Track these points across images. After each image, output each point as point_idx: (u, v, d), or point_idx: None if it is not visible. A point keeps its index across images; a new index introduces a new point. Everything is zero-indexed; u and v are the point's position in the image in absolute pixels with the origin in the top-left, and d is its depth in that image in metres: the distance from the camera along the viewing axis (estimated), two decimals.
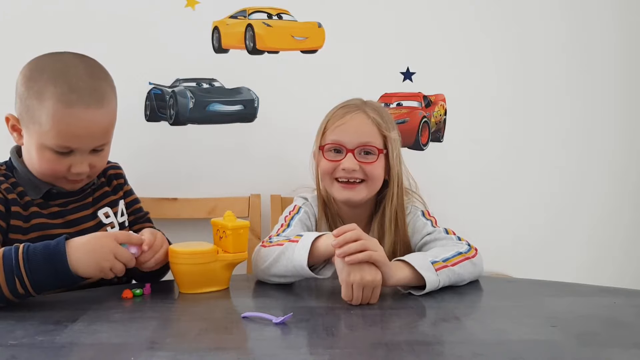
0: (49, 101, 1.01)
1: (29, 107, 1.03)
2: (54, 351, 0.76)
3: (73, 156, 1.06)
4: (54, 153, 1.04)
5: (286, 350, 0.77)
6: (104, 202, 1.19)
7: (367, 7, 1.66)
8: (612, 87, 1.76)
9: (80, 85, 1.03)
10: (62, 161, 1.05)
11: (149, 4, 1.60)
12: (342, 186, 1.23)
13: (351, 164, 1.21)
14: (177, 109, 1.63)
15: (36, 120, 1.03)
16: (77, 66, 1.06)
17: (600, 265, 1.78)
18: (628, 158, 1.79)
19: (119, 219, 1.20)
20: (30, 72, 1.05)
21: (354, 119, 1.24)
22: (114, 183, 1.23)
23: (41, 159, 1.05)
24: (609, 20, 1.74)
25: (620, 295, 1.06)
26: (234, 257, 1.06)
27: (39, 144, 1.04)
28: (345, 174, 1.22)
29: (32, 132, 1.04)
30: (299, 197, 1.34)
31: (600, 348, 0.79)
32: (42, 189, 1.09)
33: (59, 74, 1.03)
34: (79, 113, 1.02)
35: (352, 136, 1.22)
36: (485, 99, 1.72)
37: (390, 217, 1.25)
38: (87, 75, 1.06)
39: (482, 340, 0.82)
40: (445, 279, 1.05)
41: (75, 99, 1.02)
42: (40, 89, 1.02)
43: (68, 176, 1.08)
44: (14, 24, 1.56)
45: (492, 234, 1.68)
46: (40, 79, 1.03)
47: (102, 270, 0.95)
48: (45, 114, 1.01)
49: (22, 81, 1.05)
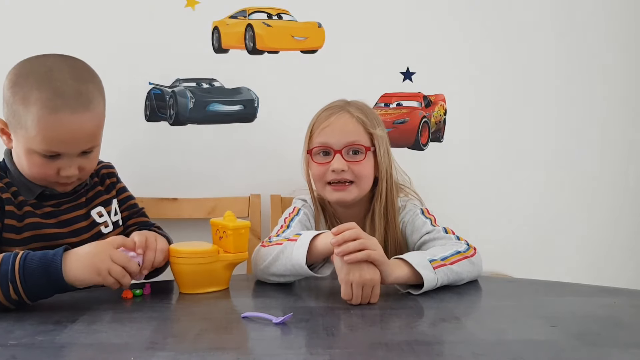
0: (34, 107, 1.00)
1: (15, 112, 1.03)
2: (54, 351, 0.76)
3: (61, 160, 1.05)
4: (41, 157, 1.04)
5: (286, 350, 0.77)
6: (97, 202, 1.19)
7: (367, 7, 1.66)
8: (612, 88, 1.76)
9: (65, 89, 1.02)
10: (50, 165, 1.05)
11: (149, 4, 1.60)
12: (333, 188, 1.24)
13: (340, 165, 1.22)
14: (177, 109, 1.63)
15: (22, 125, 1.02)
16: (62, 70, 1.04)
17: (601, 265, 1.78)
18: (628, 158, 1.79)
19: (112, 217, 1.20)
20: (16, 77, 1.04)
21: (338, 119, 1.25)
22: (106, 182, 1.23)
23: (30, 163, 1.05)
24: (609, 20, 1.74)
25: (620, 295, 1.06)
26: (235, 257, 1.06)
27: (26, 148, 1.04)
28: (335, 176, 1.23)
29: (19, 137, 1.04)
30: (298, 199, 1.35)
31: (600, 348, 0.79)
32: (35, 191, 1.09)
33: (43, 79, 1.02)
34: (64, 118, 1.01)
35: (338, 137, 1.23)
36: (485, 99, 1.72)
37: (379, 213, 1.26)
38: (72, 78, 1.04)
39: (482, 340, 0.82)
40: (444, 278, 1.05)
41: (61, 104, 1.00)
42: (25, 95, 1.01)
43: (58, 179, 1.07)
44: (14, 24, 1.56)
45: (492, 233, 1.68)
46: (25, 84, 1.02)
47: (100, 274, 0.93)
48: (30, 119, 1.00)
49: (8, 86, 1.04)
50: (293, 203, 1.34)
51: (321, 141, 1.25)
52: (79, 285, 0.94)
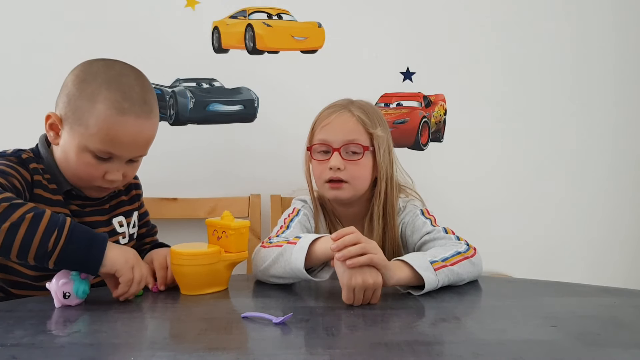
0: (101, 105, 1.02)
1: (77, 108, 1.03)
2: (54, 351, 0.76)
3: (111, 163, 1.06)
4: (93, 157, 1.04)
5: (286, 350, 0.77)
6: (120, 211, 1.19)
7: (367, 7, 1.66)
8: (612, 88, 1.76)
9: (132, 95, 1.04)
10: (99, 167, 1.05)
11: (149, 4, 1.60)
12: (331, 185, 1.25)
13: (337, 162, 1.22)
14: (177, 109, 1.63)
15: (83, 122, 1.03)
16: (129, 76, 1.07)
17: (601, 265, 1.78)
18: (627, 158, 1.79)
19: (130, 230, 1.20)
20: (84, 74, 1.05)
21: (339, 117, 1.26)
22: (132, 193, 1.24)
23: (79, 162, 1.05)
24: (608, 20, 1.74)
25: (620, 295, 1.06)
26: (236, 257, 1.06)
27: (81, 145, 1.04)
28: (332, 174, 1.23)
29: (75, 133, 1.04)
30: (297, 199, 1.35)
31: (600, 348, 0.79)
32: (64, 187, 1.09)
33: (112, 81, 1.04)
34: (129, 121, 1.03)
35: (337, 135, 1.24)
36: (485, 99, 1.72)
37: (378, 213, 1.26)
38: (138, 86, 1.06)
39: (482, 340, 0.82)
40: (444, 279, 1.05)
41: (128, 108, 1.03)
42: (93, 92, 1.02)
43: (102, 183, 1.08)
44: (14, 24, 1.56)
45: (492, 233, 1.68)
46: (93, 82, 1.03)
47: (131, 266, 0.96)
48: (95, 117, 1.02)
49: (75, 81, 1.05)
50: (292, 204, 1.34)
51: (321, 138, 1.26)
52: (106, 270, 0.94)
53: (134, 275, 0.96)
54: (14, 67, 1.56)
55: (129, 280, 0.96)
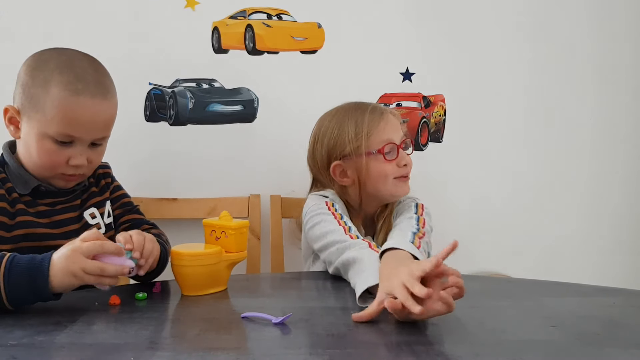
0: (55, 89, 1.02)
1: (33, 96, 1.04)
2: (54, 351, 0.75)
3: (73, 147, 1.06)
4: (54, 143, 1.05)
5: (286, 350, 0.77)
6: (90, 203, 1.18)
7: (366, 8, 1.66)
8: (612, 88, 1.76)
9: (86, 76, 1.05)
10: (61, 152, 1.05)
11: (149, 5, 1.60)
12: (402, 180, 1.28)
13: (409, 158, 1.28)
14: (177, 109, 1.63)
15: (40, 108, 1.03)
16: (81, 60, 1.08)
17: (601, 265, 1.78)
18: (628, 158, 1.80)
19: (105, 219, 1.19)
20: (35, 62, 1.06)
21: (390, 117, 1.30)
22: (102, 183, 1.22)
23: (40, 150, 1.05)
24: (608, 20, 1.75)
25: (620, 295, 1.06)
26: (237, 257, 1.06)
27: (40, 133, 1.04)
28: (405, 169, 1.28)
29: (33, 122, 1.05)
30: (317, 195, 1.30)
31: (600, 348, 0.79)
32: (31, 185, 1.08)
33: (65, 64, 1.05)
34: (84, 101, 1.04)
35: (398, 132, 1.30)
36: (484, 100, 1.73)
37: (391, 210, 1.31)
38: (91, 68, 1.08)
39: (482, 340, 0.82)
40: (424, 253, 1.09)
41: (82, 88, 1.04)
42: (46, 77, 1.03)
43: (66, 170, 1.07)
44: (14, 24, 1.56)
45: (492, 233, 1.68)
46: (46, 68, 1.04)
47: (76, 275, 0.88)
48: (50, 101, 1.02)
49: (27, 71, 1.06)
50: (314, 199, 1.29)
51: (387, 138, 1.27)
52: (65, 291, 0.90)
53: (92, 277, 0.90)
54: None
55: (91, 282, 0.91)
